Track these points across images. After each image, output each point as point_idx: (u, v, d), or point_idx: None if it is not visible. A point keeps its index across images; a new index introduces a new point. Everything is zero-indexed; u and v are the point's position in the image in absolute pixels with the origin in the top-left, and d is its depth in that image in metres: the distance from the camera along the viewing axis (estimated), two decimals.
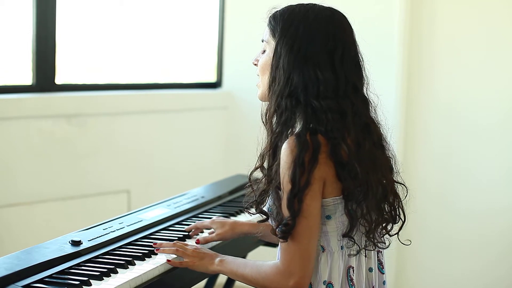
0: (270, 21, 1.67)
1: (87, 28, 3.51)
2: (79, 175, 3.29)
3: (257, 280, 1.61)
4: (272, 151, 1.60)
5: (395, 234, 1.71)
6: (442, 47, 3.51)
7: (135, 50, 3.74)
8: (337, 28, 1.62)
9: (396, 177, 1.69)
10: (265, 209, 1.64)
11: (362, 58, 1.66)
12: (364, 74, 1.66)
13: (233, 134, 3.93)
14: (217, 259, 1.72)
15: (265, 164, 1.63)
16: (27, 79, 3.21)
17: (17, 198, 3.10)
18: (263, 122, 1.65)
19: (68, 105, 3.24)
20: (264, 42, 1.70)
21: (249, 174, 1.69)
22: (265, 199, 1.63)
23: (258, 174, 1.68)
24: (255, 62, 1.74)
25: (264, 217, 1.65)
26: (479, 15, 3.41)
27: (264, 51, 1.70)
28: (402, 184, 1.70)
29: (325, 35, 1.60)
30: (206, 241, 1.96)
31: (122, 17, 3.65)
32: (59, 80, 3.29)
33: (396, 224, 1.70)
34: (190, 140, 3.77)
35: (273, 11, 1.69)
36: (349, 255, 1.62)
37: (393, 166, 1.69)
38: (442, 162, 3.56)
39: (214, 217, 2.06)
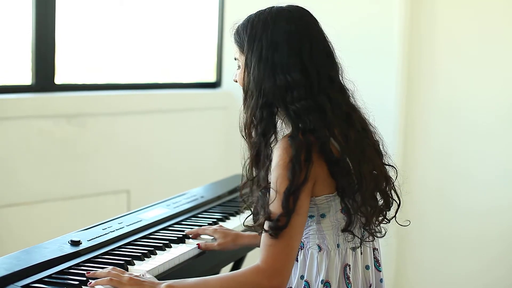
0: (235, 38, 1.69)
1: (87, 28, 3.51)
2: (79, 175, 3.29)
3: None
4: (255, 161, 1.61)
5: (392, 218, 1.71)
6: (442, 46, 3.51)
7: (135, 50, 3.74)
8: (298, 25, 1.62)
9: (385, 160, 1.70)
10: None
11: (332, 46, 1.66)
12: (337, 62, 1.66)
13: (233, 134, 3.90)
14: (163, 285, 1.55)
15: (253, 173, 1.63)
16: (27, 79, 3.21)
17: (17, 198, 3.10)
18: (242, 136, 1.66)
19: (68, 105, 3.24)
20: (236, 60, 1.71)
21: (239, 189, 1.68)
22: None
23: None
24: (235, 79, 1.75)
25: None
26: (480, 13, 3.41)
27: (239, 66, 1.71)
28: (392, 166, 1.71)
29: (288, 38, 1.60)
30: (207, 248, 1.95)
31: (122, 17, 3.65)
32: (58, 80, 3.29)
33: (392, 208, 1.70)
34: (189, 140, 3.77)
35: (236, 26, 1.70)
36: (352, 248, 1.63)
37: (381, 150, 1.69)
38: (442, 161, 3.56)
39: (216, 226, 2.04)
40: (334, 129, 1.58)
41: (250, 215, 1.65)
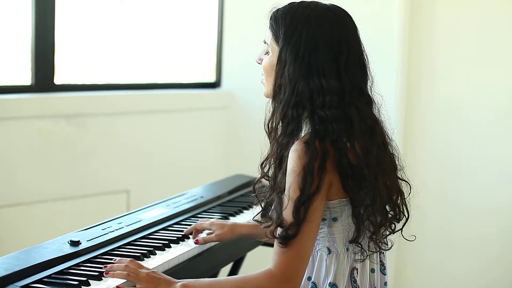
0: (271, 25, 1.64)
1: (86, 28, 3.51)
2: (79, 175, 3.29)
3: None
4: (279, 161, 1.58)
5: (398, 230, 1.70)
6: (442, 45, 3.51)
7: (135, 50, 3.74)
8: (340, 30, 1.59)
9: (400, 174, 1.69)
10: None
11: (366, 57, 1.64)
12: (369, 74, 1.65)
13: (233, 134, 3.93)
14: (178, 284, 1.56)
15: (269, 174, 1.62)
16: (26, 79, 3.21)
17: (17, 198, 3.10)
18: (266, 131, 1.63)
19: (67, 105, 3.24)
20: (266, 44, 1.67)
21: (253, 185, 1.67)
22: (271, 208, 1.61)
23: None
24: (259, 61, 1.70)
25: (271, 222, 1.62)
26: (480, 12, 3.41)
27: (267, 52, 1.66)
28: (406, 181, 1.70)
29: (328, 41, 1.57)
30: (205, 242, 1.96)
31: (122, 17, 3.65)
32: (58, 80, 3.28)
33: (400, 221, 1.70)
34: (189, 140, 3.76)
35: (274, 11, 1.65)
36: (356, 260, 1.62)
37: (397, 163, 1.69)
38: (442, 160, 3.56)
39: (213, 219, 2.06)
40: (355, 142, 1.56)
41: (261, 211, 1.64)
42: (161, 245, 1.92)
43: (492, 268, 3.43)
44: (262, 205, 1.63)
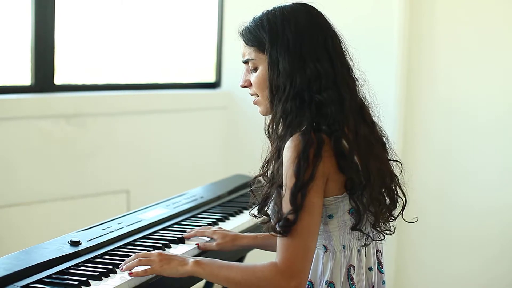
0: (249, 39, 1.67)
1: (86, 28, 3.51)
2: (79, 175, 3.29)
3: (250, 282, 1.54)
4: (277, 154, 1.60)
5: (398, 215, 1.71)
6: (442, 45, 3.51)
7: (135, 50, 3.74)
8: (315, 18, 1.65)
9: (390, 155, 1.70)
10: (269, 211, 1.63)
11: (342, 39, 1.68)
12: (349, 54, 1.68)
13: (232, 134, 3.93)
14: (191, 260, 1.62)
15: (269, 172, 1.63)
16: (26, 79, 3.21)
17: (17, 198, 3.10)
18: (267, 135, 1.65)
19: (67, 105, 3.25)
20: (250, 61, 1.69)
21: (251, 179, 1.68)
22: (268, 202, 1.61)
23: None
24: (245, 84, 1.73)
25: (267, 218, 1.63)
26: (479, 11, 3.41)
27: (255, 68, 1.68)
28: (397, 161, 1.72)
29: (311, 30, 1.62)
30: (205, 248, 1.95)
31: (122, 17, 3.65)
32: (58, 80, 3.29)
33: (398, 206, 1.70)
34: (189, 140, 3.77)
35: (243, 28, 1.69)
36: (362, 246, 1.63)
37: (386, 144, 1.70)
38: (441, 159, 3.56)
39: (215, 228, 2.04)
40: (348, 123, 1.58)
41: (258, 205, 1.64)
42: (161, 245, 1.92)
43: (492, 268, 3.43)
44: (259, 200, 1.64)
